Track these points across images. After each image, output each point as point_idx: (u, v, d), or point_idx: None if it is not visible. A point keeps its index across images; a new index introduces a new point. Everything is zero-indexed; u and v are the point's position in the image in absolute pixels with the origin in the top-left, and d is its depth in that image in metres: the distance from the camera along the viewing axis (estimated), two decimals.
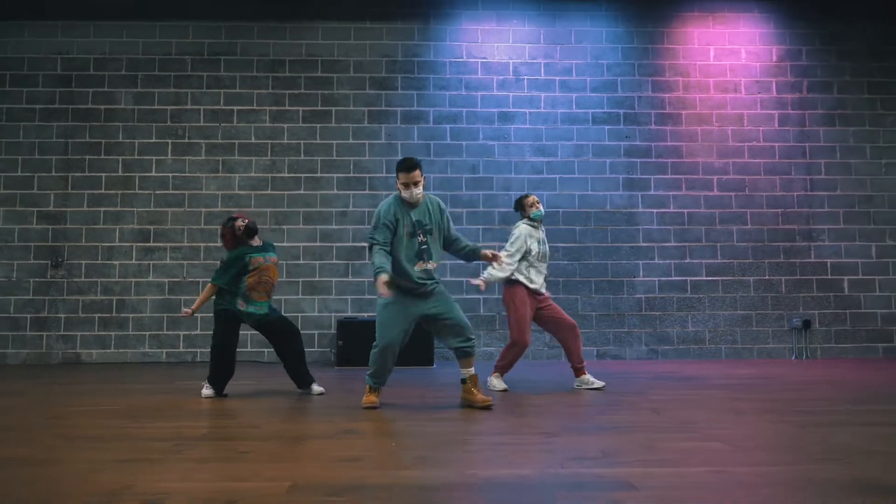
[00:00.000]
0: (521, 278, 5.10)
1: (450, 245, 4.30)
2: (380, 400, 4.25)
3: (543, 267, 5.18)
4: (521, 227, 5.18)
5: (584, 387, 5.12)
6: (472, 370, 4.18)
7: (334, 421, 3.67)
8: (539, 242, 5.16)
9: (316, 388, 4.89)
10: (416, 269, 4.08)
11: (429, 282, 4.12)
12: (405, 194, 4.10)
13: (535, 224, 5.22)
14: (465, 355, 4.17)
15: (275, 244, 5.19)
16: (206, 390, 4.78)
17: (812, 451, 2.84)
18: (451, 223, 4.35)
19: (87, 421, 3.69)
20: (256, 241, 4.92)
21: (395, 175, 4.72)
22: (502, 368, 5.15)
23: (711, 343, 7.97)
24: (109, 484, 2.37)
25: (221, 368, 4.77)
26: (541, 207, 5.25)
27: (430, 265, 4.12)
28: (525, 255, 5.08)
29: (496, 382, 5.04)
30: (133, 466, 2.62)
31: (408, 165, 4.09)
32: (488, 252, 4.26)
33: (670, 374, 6.12)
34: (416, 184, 4.09)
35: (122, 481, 2.40)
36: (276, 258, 4.98)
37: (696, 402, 4.34)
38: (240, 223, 4.89)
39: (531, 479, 2.42)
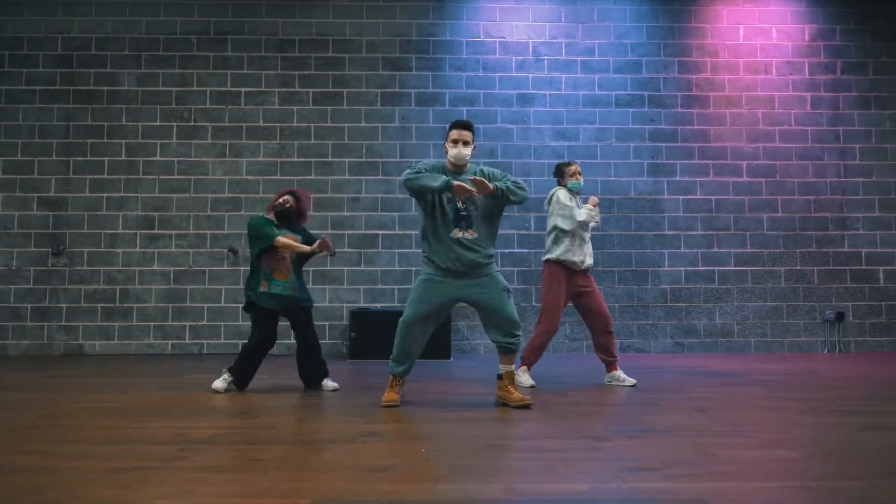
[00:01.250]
0: (562, 255, 4.76)
1: (509, 200, 3.79)
2: (402, 397, 3.92)
3: (588, 237, 4.84)
4: (561, 191, 4.85)
5: (615, 383, 4.80)
6: (511, 367, 3.85)
7: (354, 421, 3.36)
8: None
9: (329, 383, 4.57)
10: (452, 237, 3.72)
11: (472, 260, 3.74)
12: (452, 152, 3.77)
13: (573, 195, 4.90)
14: (506, 351, 3.84)
15: (306, 230, 4.81)
16: (220, 382, 4.46)
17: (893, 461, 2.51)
18: (505, 175, 3.87)
19: (87, 420, 3.39)
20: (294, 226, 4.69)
21: (414, 159, 4.30)
22: (531, 361, 4.82)
23: (740, 336, 7.63)
24: (101, 498, 2.06)
25: (246, 366, 4.47)
26: (581, 179, 4.92)
27: (469, 234, 3.74)
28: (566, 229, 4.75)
29: (524, 378, 4.72)
30: (131, 476, 2.31)
31: (462, 122, 3.82)
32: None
33: (701, 370, 5.78)
34: (465, 143, 3.78)
35: (115, 496, 2.09)
36: (296, 237, 4.62)
37: (738, 400, 4.01)
38: (281, 201, 4.62)
39: (590, 495, 2.10)
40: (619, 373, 4.81)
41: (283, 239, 4.44)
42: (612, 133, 7.81)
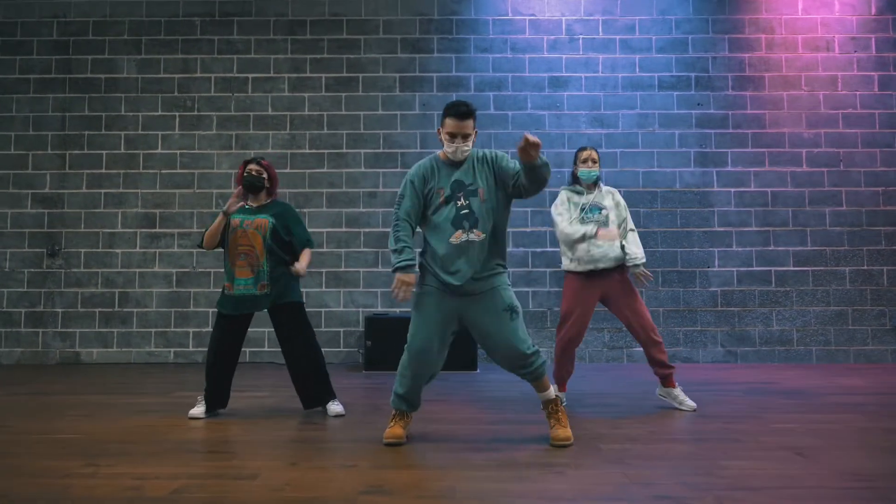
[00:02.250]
0: (567, 263, 4.09)
1: (517, 179, 3.05)
2: (408, 430, 3.21)
3: (605, 235, 4.08)
4: (562, 192, 4.18)
5: (669, 400, 4.07)
6: (548, 393, 3.13)
7: (357, 466, 2.68)
8: (587, 209, 4.08)
9: (333, 407, 3.88)
10: (453, 241, 3.02)
11: (469, 268, 3.05)
12: (448, 148, 3.07)
13: (580, 189, 4.16)
14: (529, 380, 3.14)
15: (290, 207, 4.07)
16: (197, 408, 3.83)
17: None
18: (513, 162, 3.14)
19: (29, 461, 2.76)
20: (260, 200, 3.97)
21: (438, 149, 3.44)
22: (558, 377, 4.13)
23: (800, 344, 6.82)
24: None
25: (209, 383, 3.82)
26: (595, 167, 4.14)
27: (475, 235, 3.02)
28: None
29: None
30: None
31: (460, 111, 3.05)
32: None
33: (767, 386, 5.02)
34: (465, 137, 3.06)
35: None
36: (265, 220, 3.85)
37: (837, 434, 3.26)
38: (247, 171, 3.93)
39: None
40: (678, 391, 4.07)
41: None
42: (655, 119, 7.04)
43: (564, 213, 4.12)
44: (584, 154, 4.19)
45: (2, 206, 6.98)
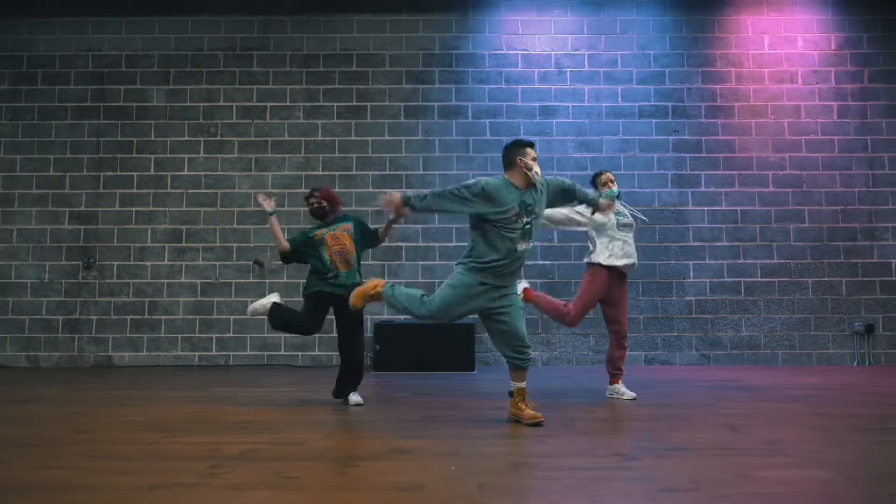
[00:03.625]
0: (599, 258, 4.84)
1: (567, 197, 4.05)
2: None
3: (629, 237, 4.94)
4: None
5: (615, 396, 4.81)
6: (522, 384, 3.85)
7: (381, 437, 3.38)
8: (617, 213, 4.88)
9: (354, 397, 4.60)
10: (519, 248, 3.76)
11: (516, 270, 3.83)
12: (536, 170, 3.79)
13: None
14: (516, 368, 3.85)
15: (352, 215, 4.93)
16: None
17: None
18: (565, 181, 4.05)
19: (116, 435, 3.44)
20: (330, 218, 4.78)
21: (438, 171, 4.25)
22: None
23: (767, 348, 7.53)
24: None
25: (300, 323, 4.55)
26: (614, 187, 4.92)
27: (529, 244, 3.82)
28: (601, 229, 4.83)
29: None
30: (165, 495, 2.35)
31: (529, 141, 3.92)
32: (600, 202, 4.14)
33: (729, 383, 5.72)
34: (534, 158, 3.88)
35: None
36: (348, 225, 4.72)
37: (772, 416, 3.96)
38: (309, 203, 4.78)
39: None
40: (620, 385, 4.84)
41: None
42: (636, 144, 7.78)
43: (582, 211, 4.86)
44: (604, 177, 4.96)
45: (41, 222, 7.66)
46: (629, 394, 4.76)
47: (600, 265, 4.87)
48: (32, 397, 4.91)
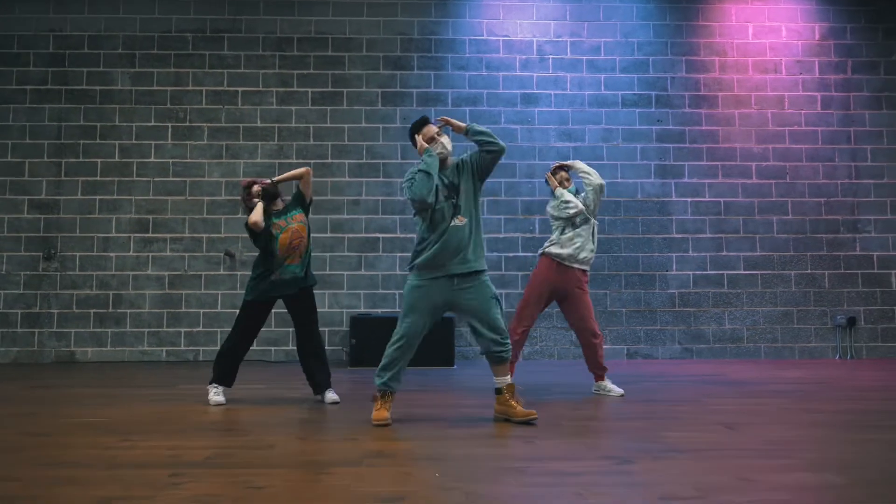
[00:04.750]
0: (551, 247, 4.68)
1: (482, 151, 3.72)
2: (395, 411, 3.66)
3: (586, 232, 4.67)
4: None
5: (602, 392, 4.63)
6: (507, 378, 3.65)
7: (358, 438, 3.15)
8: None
9: (330, 395, 4.36)
10: (452, 224, 3.59)
11: (465, 256, 3.61)
12: (439, 147, 3.64)
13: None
14: (497, 361, 3.64)
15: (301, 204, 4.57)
16: (216, 396, 4.27)
17: None
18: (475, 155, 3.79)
19: (71, 439, 3.18)
20: (279, 205, 4.46)
21: (417, 160, 4.02)
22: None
23: (750, 341, 7.44)
24: None
25: (226, 361, 4.28)
26: (569, 186, 4.90)
27: (462, 220, 3.62)
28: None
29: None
30: None
31: (422, 120, 3.77)
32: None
33: (715, 378, 5.59)
34: (438, 134, 3.69)
35: None
36: (302, 214, 4.45)
37: (764, 413, 3.82)
38: (256, 188, 4.47)
39: None
40: (606, 382, 4.66)
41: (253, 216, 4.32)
42: (619, 134, 7.62)
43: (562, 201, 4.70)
44: (560, 176, 4.86)
45: None
46: (617, 390, 4.59)
47: (548, 255, 4.72)
48: None
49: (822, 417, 3.68)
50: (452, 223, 3.59)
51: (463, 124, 3.70)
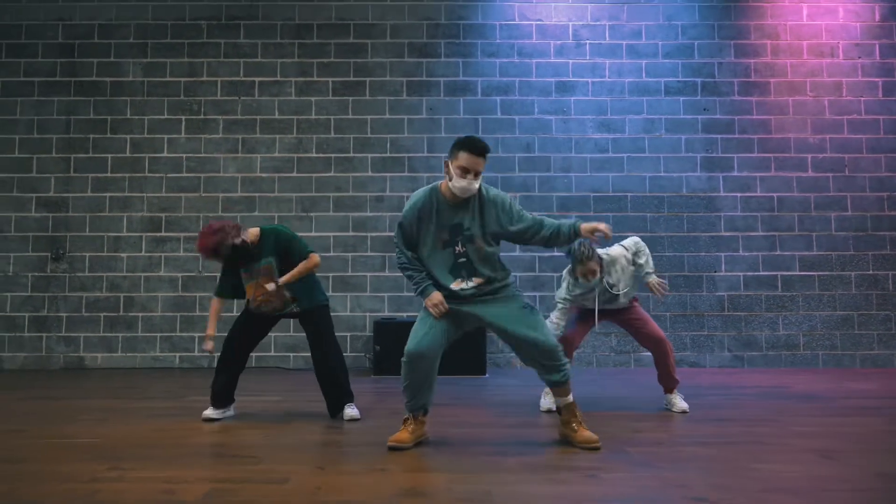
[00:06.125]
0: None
1: (527, 237, 3.14)
2: (414, 437, 3.12)
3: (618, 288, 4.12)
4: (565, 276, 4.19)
5: (668, 407, 4.10)
6: (567, 398, 3.13)
7: (387, 469, 2.66)
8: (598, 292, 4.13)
9: (349, 411, 3.87)
10: (454, 288, 3.09)
11: (481, 288, 3.11)
12: (460, 184, 2.97)
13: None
14: (551, 385, 3.13)
15: (277, 234, 3.91)
16: (211, 409, 3.82)
17: None
18: (521, 212, 3.15)
19: (52, 466, 2.72)
20: (251, 251, 3.84)
21: (444, 154, 3.31)
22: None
23: (807, 349, 6.83)
24: None
25: (219, 378, 3.82)
26: (592, 279, 3.96)
27: (474, 282, 3.08)
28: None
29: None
30: None
31: (477, 147, 2.99)
32: (590, 225, 3.06)
33: (781, 391, 5.02)
34: (477, 175, 3.00)
35: None
36: (268, 265, 3.80)
37: (860, 438, 3.26)
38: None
39: None
40: (673, 396, 4.11)
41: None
42: (662, 124, 7.06)
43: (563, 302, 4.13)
44: (586, 267, 3.91)
45: (5, 209, 6.92)
46: (680, 405, 4.04)
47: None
48: None
49: None
50: (453, 287, 3.08)
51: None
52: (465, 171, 2.98)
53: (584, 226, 3.07)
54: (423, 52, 7.11)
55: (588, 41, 7.14)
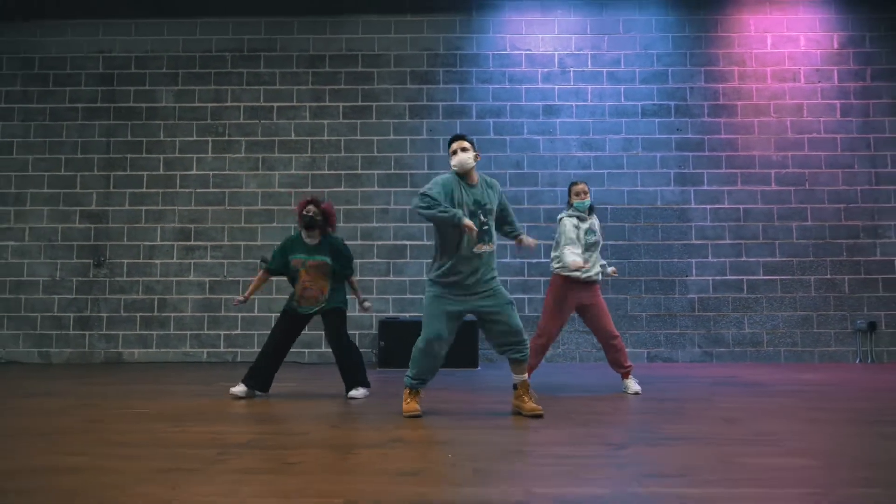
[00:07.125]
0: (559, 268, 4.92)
1: (502, 227, 4.17)
2: (421, 406, 3.99)
3: (592, 256, 4.91)
4: (564, 221, 4.92)
5: (624, 390, 4.88)
6: (524, 376, 3.94)
7: (383, 428, 3.47)
8: (587, 232, 4.89)
9: (353, 392, 4.68)
10: (476, 251, 3.84)
11: (482, 274, 3.89)
12: (455, 159, 3.85)
13: (582, 214, 4.93)
14: (515, 361, 3.93)
15: (340, 243, 4.84)
16: (237, 387, 4.65)
17: None
18: (509, 205, 4.22)
19: (126, 425, 3.56)
20: (313, 238, 4.74)
21: (443, 171, 4.32)
22: (531, 365, 4.90)
23: (769, 346, 7.58)
24: (150, 496, 2.20)
25: (261, 362, 4.65)
26: (586, 198, 4.92)
27: (490, 247, 3.89)
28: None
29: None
30: (175, 476, 2.46)
31: (455, 135, 3.98)
32: (522, 237, 4.07)
33: (730, 379, 5.78)
34: (464, 149, 3.87)
35: (163, 494, 2.23)
36: (325, 261, 4.70)
37: (767, 410, 4.03)
38: (305, 211, 4.72)
39: (608, 499, 2.17)
40: (629, 381, 4.89)
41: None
42: (639, 143, 7.85)
43: (573, 239, 4.89)
44: (578, 187, 4.94)
45: (53, 221, 7.81)
46: (633, 387, 4.82)
47: (559, 274, 4.93)
48: (45, 391, 5.05)
49: (826, 414, 3.88)
50: (475, 250, 3.83)
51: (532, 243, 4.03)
52: (454, 152, 3.91)
53: (522, 236, 4.08)
54: (423, 80, 7.94)
55: (572, 69, 7.94)
